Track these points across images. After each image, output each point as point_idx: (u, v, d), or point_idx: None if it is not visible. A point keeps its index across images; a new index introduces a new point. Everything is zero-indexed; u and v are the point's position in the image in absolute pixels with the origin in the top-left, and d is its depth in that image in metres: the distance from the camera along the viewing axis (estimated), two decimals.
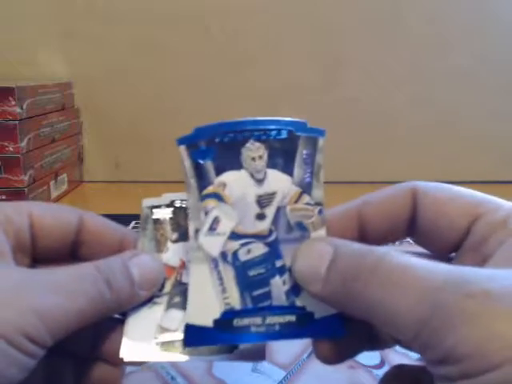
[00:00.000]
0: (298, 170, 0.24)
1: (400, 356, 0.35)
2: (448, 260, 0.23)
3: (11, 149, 0.59)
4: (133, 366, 0.25)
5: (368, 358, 0.34)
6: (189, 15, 0.76)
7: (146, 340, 0.23)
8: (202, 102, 0.79)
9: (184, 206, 0.26)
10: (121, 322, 0.24)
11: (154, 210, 0.26)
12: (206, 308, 0.22)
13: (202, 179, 0.23)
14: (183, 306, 0.24)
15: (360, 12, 0.76)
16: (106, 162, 0.81)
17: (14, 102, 0.58)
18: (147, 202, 0.26)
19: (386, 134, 0.80)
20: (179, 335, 0.23)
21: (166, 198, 0.26)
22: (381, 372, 0.33)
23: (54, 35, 0.77)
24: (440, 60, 0.78)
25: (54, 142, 0.69)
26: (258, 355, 0.24)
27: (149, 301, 0.24)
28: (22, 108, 0.59)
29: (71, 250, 0.26)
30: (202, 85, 0.78)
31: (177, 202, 0.26)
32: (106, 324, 0.24)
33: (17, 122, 0.58)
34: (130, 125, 0.80)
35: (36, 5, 0.76)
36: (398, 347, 0.35)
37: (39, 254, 0.25)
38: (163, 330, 0.24)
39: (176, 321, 0.24)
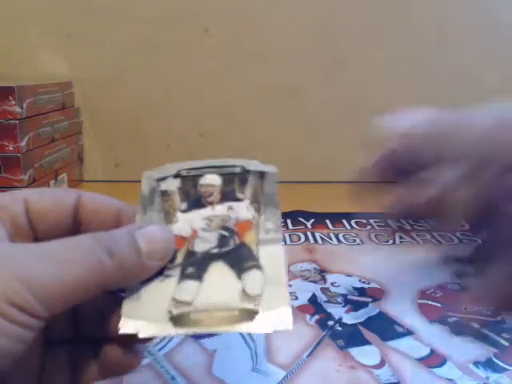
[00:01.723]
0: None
1: (400, 356, 0.35)
2: None
3: (11, 148, 0.59)
4: (146, 343, 0.25)
5: (368, 358, 0.34)
6: (189, 15, 0.76)
7: (159, 314, 0.22)
8: (201, 102, 0.79)
9: (191, 174, 0.26)
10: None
11: (161, 182, 0.26)
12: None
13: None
14: (198, 276, 0.23)
15: (361, 12, 0.76)
16: (105, 161, 0.81)
17: (13, 102, 0.58)
18: (150, 174, 0.26)
19: None
20: (195, 307, 0.22)
21: (170, 168, 0.26)
22: (381, 372, 0.33)
23: (54, 35, 0.77)
24: (440, 60, 0.78)
25: (53, 142, 0.69)
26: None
27: (160, 273, 0.23)
28: (21, 107, 0.59)
29: (73, 231, 0.25)
30: (201, 85, 0.78)
31: (183, 171, 0.26)
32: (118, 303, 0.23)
33: (17, 121, 0.58)
34: (129, 125, 0.80)
35: (36, 5, 0.76)
36: (398, 346, 0.35)
37: (40, 238, 0.25)
38: (177, 302, 0.23)
39: (191, 292, 0.23)
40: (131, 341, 0.23)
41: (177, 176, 0.26)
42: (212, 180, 0.25)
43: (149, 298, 0.23)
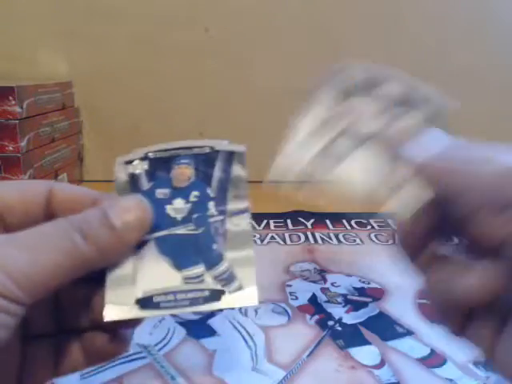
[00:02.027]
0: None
1: (400, 356, 0.35)
2: None
3: (11, 148, 0.59)
4: (131, 328, 0.24)
5: (368, 358, 0.34)
6: (189, 15, 0.76)
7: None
8: (201, 102, 0.79)
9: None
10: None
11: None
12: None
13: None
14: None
15: (360, 12, 0.76)
16: (105, 161, 0.81)
17: (14, 102, 0.58)
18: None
19: None
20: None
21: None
22: (381, 372, 0.33)
23: (54, 35, 0.77)
24: (440, 60, 0.78)
25: (53, 142, 0.69)
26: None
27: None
28: (21, 107, 0.59)
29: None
30: (201, 85, 0.78)
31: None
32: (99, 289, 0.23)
33: (17, 121, 0.58)
34: (129, 124, 0.80)
35: (36, 5, 0.76)
36: (398, 346, 0.35)
37: (10, 230, 0.24)
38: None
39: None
40: (115, 326, 0.23)
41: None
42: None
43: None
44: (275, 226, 0.59)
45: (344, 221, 0.61)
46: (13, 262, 0.19)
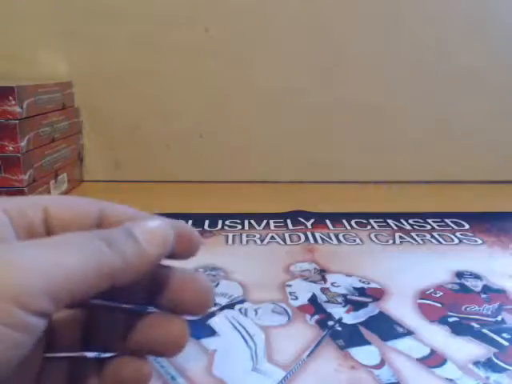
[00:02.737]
0: None
1: (400, 356, 0.35)
2: None
3: (11, 148, 0.59)
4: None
5: (368, 358, 0.34)
6: (189, 15, 0.76)
7: None
8: (201, 102, 0.79)
9: None
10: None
11: None
12: None
13: None
14: None
15: (360, 12, 0.76)
16: (105, 161, 0.81)
17: (13, 102, 0.58)
18: None
19: (386, 135, 0.80)
20: None
21: None
22: (381, 372, 0.33)
23: (54, 35, 0.77)
24: (440, 60, 0.78)
25: (53, 142, 0.69)
26: None
27: None
28: (21, 107, 0.59)
29: None
30: (201, 85, 0.78)
31: None
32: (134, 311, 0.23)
33: (17, 121, 0.58)
34: (130, 124, 0.80)
35: (36, 5, 0.76)
36: (398, 346, 0.35)
37: None
38: None
39: None
40: (146, 353, 0.22)
41: None
42: None
43: None
44: (275, 226, 0.59)
45: (344, 221, 0.61)
46: (35, 263, 0.18)
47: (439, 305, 0.42)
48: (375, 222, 0.61)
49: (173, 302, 0.23)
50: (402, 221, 0.61)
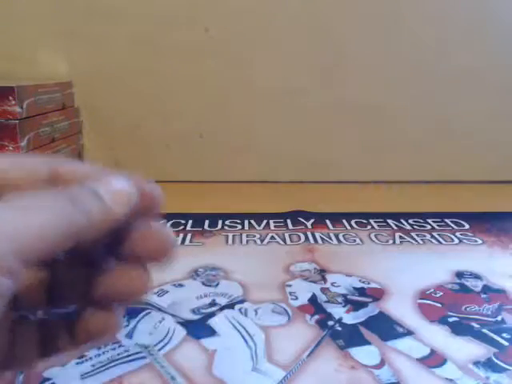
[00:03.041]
0: None
1: (400, 356, 0.35)
2: None
3: (11, 148, 0.59)
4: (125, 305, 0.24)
5: (368, 358, 0.34)
6: (189, 15, 0.76)
7: None
8: (201, 102, 0.79)
9: None
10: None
11: None
12: None
13: None
14: None
15: (360, 12, 0.76)
16: (105, 161, 0.81)
17: (13, 102, 0.58)
18: None
19: (386, 135, 0.80)
20: None
21: None
22: (381, 372, 0.33)
23: (54, 35, 0.77)
24: (440, 60, 0.78)
25: (53, 142, 0.69)
26: None
27: None
28: (21, 107, 0.59)
29: None
30: (201, 85, 0.78)
31: None
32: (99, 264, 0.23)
33: (17, 121, 0.58)
34: (130, 124, 0.80)
35: (36, 5, 0.76)
36: (398, 346, 0.35)
37: None
38: None
39: None
40: (111, 304, 0.23)
41: None
42: None
43: None
44: (275, 226, 0.59)
45: (344, 221, 0.61)
46: (5, 223, 0.18)
47: (439, 305, 0.42)
48: (375, 222, 0.61)
49: (133, 253, 0.24)
50: (402, 221, 0.61)
